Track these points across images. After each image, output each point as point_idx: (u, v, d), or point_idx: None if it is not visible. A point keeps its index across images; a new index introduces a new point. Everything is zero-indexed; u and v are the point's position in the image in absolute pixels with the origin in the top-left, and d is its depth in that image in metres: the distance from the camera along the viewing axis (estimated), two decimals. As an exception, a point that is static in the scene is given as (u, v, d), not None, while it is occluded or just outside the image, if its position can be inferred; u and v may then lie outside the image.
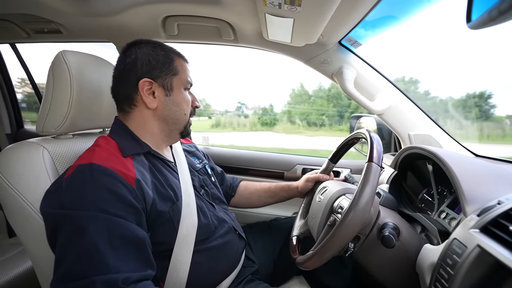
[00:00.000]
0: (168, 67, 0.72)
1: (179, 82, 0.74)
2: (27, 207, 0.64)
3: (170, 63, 0.73)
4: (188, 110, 0.77)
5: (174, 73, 0.73)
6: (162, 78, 0.72)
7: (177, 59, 0.75)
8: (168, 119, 0.74)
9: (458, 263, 0.43)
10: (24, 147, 0.68)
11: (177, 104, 0.74)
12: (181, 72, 0.74)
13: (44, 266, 0.67)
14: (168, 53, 0.74)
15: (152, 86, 0.71)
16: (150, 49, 0.73)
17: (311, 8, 0.63)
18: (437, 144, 1.03)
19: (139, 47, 0.72)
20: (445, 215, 0.68)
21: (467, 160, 0.69)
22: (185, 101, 0.76)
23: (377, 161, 0.56)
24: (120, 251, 0.52)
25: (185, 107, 0.76)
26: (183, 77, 0.75)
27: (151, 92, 0.71)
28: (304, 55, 1.06)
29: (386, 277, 0.64)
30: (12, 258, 1.13)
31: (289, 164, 1.33)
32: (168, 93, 0.73)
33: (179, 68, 0.74)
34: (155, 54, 0.72)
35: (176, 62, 0.74)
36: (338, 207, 0.65)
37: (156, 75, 0.71)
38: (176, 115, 0.75)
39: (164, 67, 0.72)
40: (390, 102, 1.04)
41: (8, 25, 1.14)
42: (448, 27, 3.35)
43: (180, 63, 0.75)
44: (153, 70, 0.71)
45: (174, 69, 0.73)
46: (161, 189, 0.67)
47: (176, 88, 0.74)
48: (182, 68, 0.75)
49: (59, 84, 0.71)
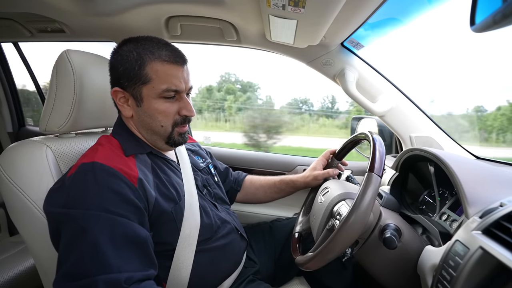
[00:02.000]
0: (136, 74, 0.63)
1: (151, 91, 0.64)
2: (30, 205, 0.64)
3: (140, 70, 0.63)
4: (166, 121, 0.68)
5: (143, 81, 0.64)
6: (131, 88, 0.65)
7: (152, 63, 0.64)
8: (146, 129, 0.69)
9: (460, 264, 0.43)
10: (28, 145, 0.69)
11: (150, 116, 0.66)
12: (155, 79, 0.64)
13: (47, 264, 0.68)
14: (141, 55, 0.64)
15: (125, 95, 0.67)
16: (126, 52, 0.65)
17: (315, 9, 0.63)
18: (439, 146, 1.03)
19: (119, 48, 0.67)
20: (446, 217, 0.68)
21: (468, 162, 0.70)
22: (159, 112, 0.66)
23: (378, 172, 0.56)
24: (123, 251, 0.52)
25: (161, 118, 0.67)
26: (157, 85, 0.64)
27: (125, 100, 0.67)
28: (307, 57, 1.07)
29: (387, 278, 0.64)
30: (13, 257, 1.13)
31: (290, 164, 1.33)
32: (139, 104, 0.66)
33: (152, 75, 0.63)
34: (127, 58, 0.64)
35: (149, 68, 0.63)
36: (337, 213, 0.65)
37: (125, 84, 0.65)
38: (151, 126, 0.68)
39: (132, 75, 0.64)
40: (391, 104, 1.04)
41: (11, 24, 1.14)
42: (448, 28, 3.34)
43: (155, 68, 0.63)
44: (122, 78, 0.65)
45: (144, 77, 0.63)
46: (163, 189, 0.67)
47: (147, 98, 0.65)
48: (157, 74, 0.64)
49: (63, 83, 0.71)
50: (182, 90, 0.67)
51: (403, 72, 1.80)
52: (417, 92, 1.12)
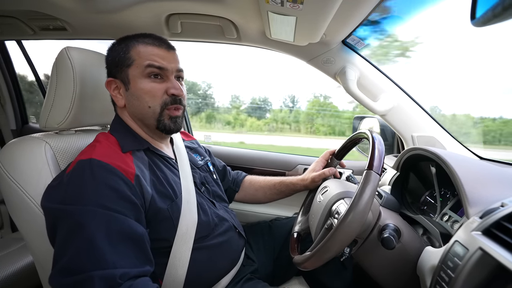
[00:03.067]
0: (122, 59, 0.68)
1: (136, 71, 0.67)
2: (28, 201, 0.64)
3: (125, 54, 0.68)
4: (154, 102, 0.68)
5: (128, 64, 0.67)
6: (119, 73, 0.69)
7: (136, 46, 0.68)
8: (136, 114, 0.71)
9: (459, 266, 0.42)
10: (27, 142, 0.69)
11: (137, 97, 0.68)
12: (138, 59, 0.67)
13: (44, 260, 0.68)
14: (127, 43, 0.69)
15: (117, 84, 0.70)
16: (117, 45, 0.71)
17: (313, 6, 0.62)
18: (441, 146, 1.01)
19: (113, 45, 0.72)
20: (447, 217, 0.67)
21: (470, 162, 0.68)
22: (145, 91, 0.67)
23: (376, 170, 0.55)
24: (119, 247, 0.52)
25: (148, 98, 0.68)
26: (140, 63, 0.67)
27: (118, 90, 0.71)
28: (307, 55, 1.06)
29: (387, 279, 0.63)
30: (15, 252, 1.15)
31: (290, 164, 1.32)
32: (127, 87, 0.68)
33: (135, 56, 0.67)
34: (115, 49, 0.70)
35: (132, 51, 0.68)
36: (336, 212, 0.64)
37: (114, 71, 0.70)
38: (140, 109, 0.69)
39: (117, 60, 0.68)
40: (393, 103, 1.03)
41: (15, 22, 1.15)
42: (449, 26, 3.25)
43: (138, 50, 0.67)
44: (111, 67, 0.70)
45: (128, 59, 0.67)
46: (159, 187, 0.67)
47: (133, 80, 0.67)
48: (140, 54, 0.67)
49: (63, 80, 0.71)
50: (166, 67, 0.68)
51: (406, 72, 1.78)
52: (421, 92, 1.10)
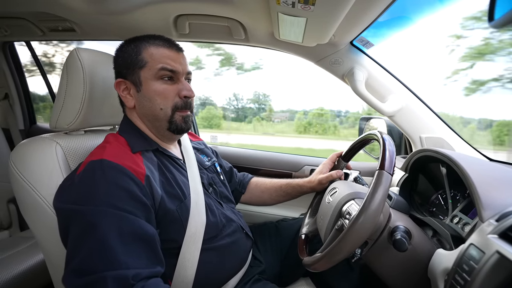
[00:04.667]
0: (133, 60, 0.68)
1: (148, 73, 0.68)
2: (40, 201, 0.65)
3: (137, 56, 0.68)
4: (166, 104, 0.69)
5: (140, 65, 0.68)
6: (130, 75, 0.69)
7: (148, 47, 0.69)
8: (147, 116, 0.71)
9: (475, 269, 0.41)
10: (38, 142, 0.70)
11: (149, 99, 0.69)
12: (151, 61, 0.68)
13: (56, 259, 0.69)
14: (138, 45, 0.69)
15: (127, 85, 0.70)
16: (126, 46, 0.71)
17: (325, 7, 0.62)
18: (450, 147, 1.00)
19: (122, 46, 0.73)
20: (458, 220, 0.66)
21: (482, 164, 0.68)
22: (158, 93, 0.68)
23: (388, 169, 0.54)
24: (131, 247, 0.53)
25: (160, 100, 0.68)
26: (153, 65, 0.67)
27: (128, 91, 0.71)
28: (315, 55, 1.06)
29: (396, 281, 0.63)
30: (24, 251, 1.16)
31: (297, 164, 1.32)
32: (139, 89, 0.69)
33: (148, 58, 0.68)
34: (126, 49, 0.70)
35: (144, 52, 0.68)
36: (346, 213, 0.64)
37: (125, 72, 0.70)
38: (152, 111, 0.69)
39: (129, 61, 0.69)
40: (401, 104, 1.02)
41: (25, 23, 1.17)
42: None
43: (150, 52, 0.68)
44: (122, 68, 0.70)
45: (140, 61, 0.68)
46: (168, 188, 0.67)
47: (145, 81, 0.68)
48: (152, 56, 0.68)
49: (73, 81, 0.72)
50: (178, 70, 0.70)
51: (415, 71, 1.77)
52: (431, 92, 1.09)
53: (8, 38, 1.43)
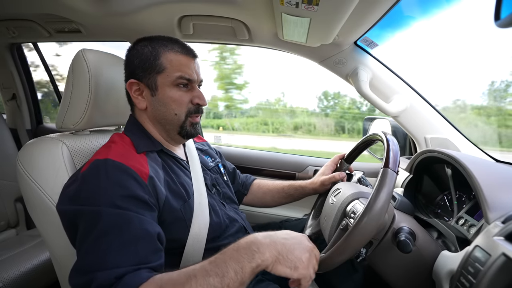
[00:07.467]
0: (151, 64, 0.69)
1: (166, 80, 0.69)
2: (46, 200, 0.66)
3: (155, 60, 0.69)
4: (180, 110, 0.71)
5: (158, 70, 0.69)
6: (146, 78, 0.69)
7: (166, 53, 0.69)
8: (159, 119, 0.72)
9: (481, 271, 0.41)
10: (45, 142, 0.71)
11: (164, 104, 0.70)
12: (169, 68, 0.69)
13: (62, 258, 0.70)
14: (156, 48, 0.70)
15: (140, 86, 0.70)
16: (141, 46, 0.70)
17: (329, 7, 0.62)
18: (455, 148, 0.99)
19: (135, 45, 0.72)
20: (463, 221, 0.65)
21: (488, 165, 0.67)
22: (173, 100, 0.70)
23: (393, 167, 0.54)
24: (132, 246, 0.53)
25: (175, 106, 0.70)
26: (171, 73, 0.69)
27: (140, 92, 0.71)
28: (319, 56, 1.05)
29: (400, 282, 0.62)
30: (30, 249, 1.17)
31: (301, 165, 1.32)
32: (154, 93, 0.70)
33: (166, 64, 0.69)
34: (142, 51, 0.70)
35: (163, 58, 0.69)
36: (351, 212, 0.64)
37: (140, 75, 0.69)
38: (165, 115, 0.71)
39: (147, 65, 0.69)
40: (406, 104, 1.01)
41: (32, 25, 1.19)
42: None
43: (169, 58, 0.69)
44: (137, 70, 0.70)
45: (158, 66, 0.68)
46: (173, 187, 0.68)
47: (162, 87, 0.69)
48: (171, 63, 0.69)
49: (79, 82, 0.73)
50: (194, 79, 0.72)
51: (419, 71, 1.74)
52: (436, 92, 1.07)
53: (16, 39, 1.46)
